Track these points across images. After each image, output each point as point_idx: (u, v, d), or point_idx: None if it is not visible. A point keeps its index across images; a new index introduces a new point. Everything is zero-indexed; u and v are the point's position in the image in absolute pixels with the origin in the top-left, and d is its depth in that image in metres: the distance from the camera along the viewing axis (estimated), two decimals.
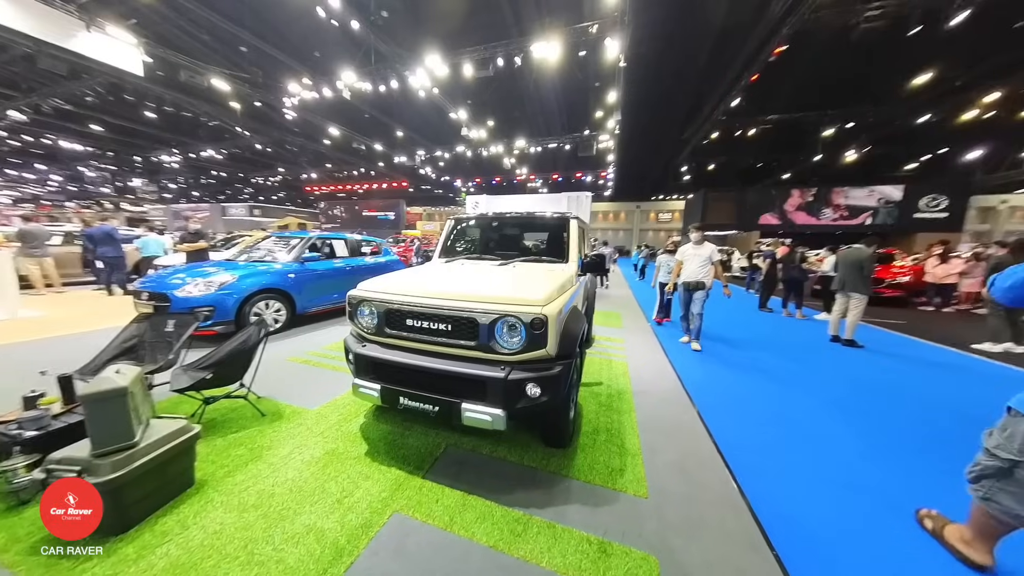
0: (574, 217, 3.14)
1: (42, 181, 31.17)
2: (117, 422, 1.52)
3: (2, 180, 29.23)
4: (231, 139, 21.80)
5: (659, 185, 31.05)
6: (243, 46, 13.72)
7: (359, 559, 1.46)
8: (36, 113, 17.38)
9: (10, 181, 30.37)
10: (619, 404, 2.94)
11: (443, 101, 15.61)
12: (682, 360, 4.10)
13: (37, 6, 9.61)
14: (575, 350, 2.00)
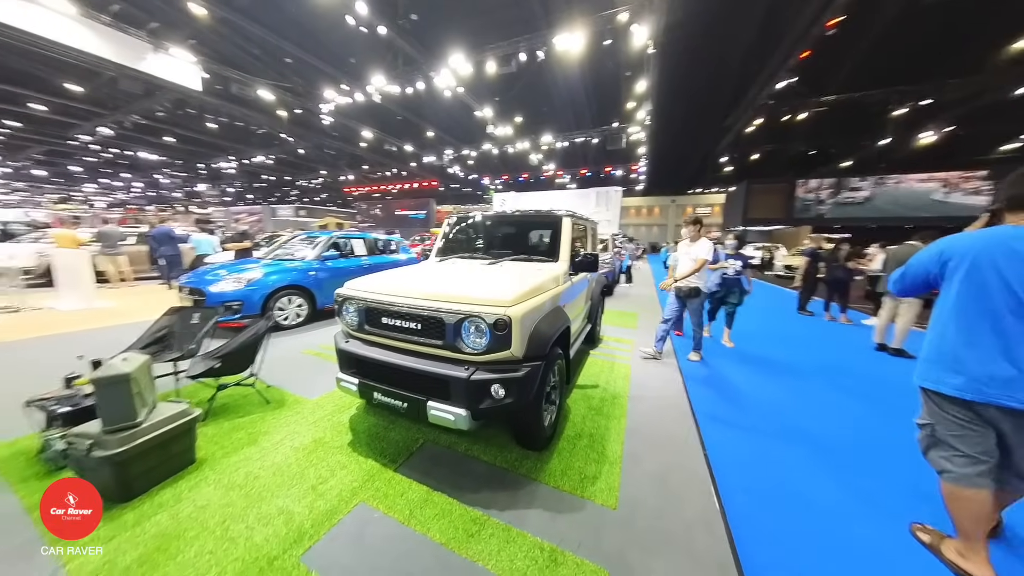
0: (568, 215, 3.05)
1: (127, 188, 35.80)
2: (122, 403, 1.73)
3: (97, 187, 33.98)
4: (278, 145, 23.65)
5: (696, 178, 29.24)
6: (288, 58, 14.76)
7: (318, 543, 1.55)
8: (120, 128, 19.97)
9: (103, 188, 35.25)
10: (610, 409, 2.83)
11: (469, 99, 15.78)
12: (693, 366, 3.86)
13: (117, 35, 10.93)
14: (546, 352, 1.95)
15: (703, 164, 24.81)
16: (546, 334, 2.00)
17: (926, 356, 1.49)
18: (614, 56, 12.95)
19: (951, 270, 1.41)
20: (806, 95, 14.47)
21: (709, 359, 4.07)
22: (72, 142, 22.61)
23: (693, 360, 4.00)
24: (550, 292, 2.32)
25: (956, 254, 1.40)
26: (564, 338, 2.51)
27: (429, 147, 22.55)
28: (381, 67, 13.82)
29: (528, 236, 3.35)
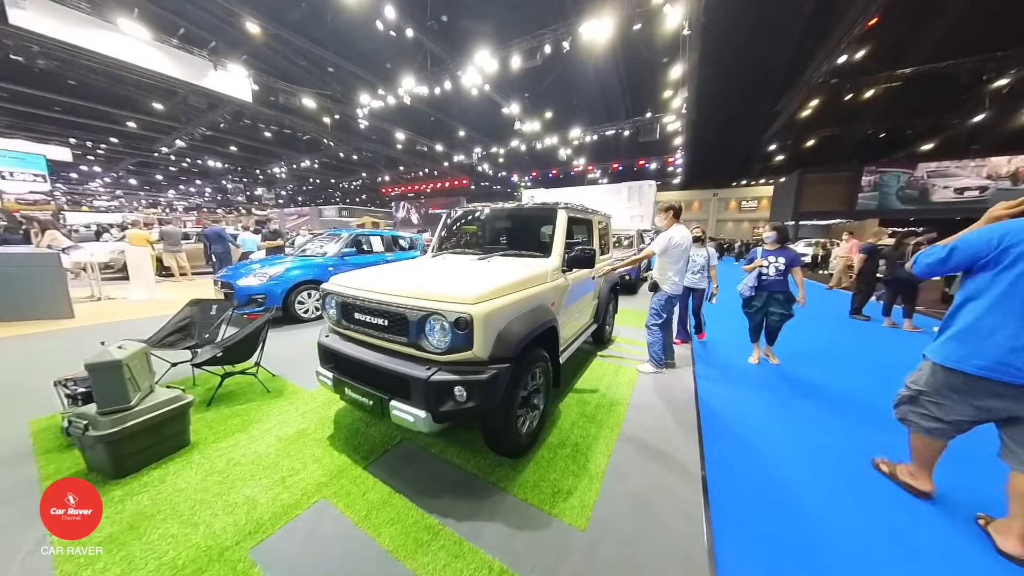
0: (563, 207, 2.85)
1: (200, 193, 40.34)
2: (115, 387, 1.86)
3: (176, 193, 38.64)
4: (322, 150, 25.32)
5: (741, 169, 26.91)
6: (330, 67, 15.69)
7: (271, 537, 1.55)
8: (191, 140, 22.50)
9: (181, 194, 40.03)
10: (605, 416, 2.61)
11: (497, 96, 15.77)
12: (712, 376, 3.49)
13: (183, 55, 12.22)
14: (516, 354, 1.81)
15: (749, 154, 22.77)
16: (518, 335, 1.86)
17: (953, 335, 1.56)
18: (647, 42, 12.24)
19: (1015, 257, 1.39)
20: (875, 69, 12.69)
21: (734, 370, 3.64)
22: (156, 154, 25.82)
23: (646, 372, 3.44)
24: (530, 290, 2.17)
25: (1022, 242, 1.38)
26: (549, 339, 2.36)
27: (459, 146, 22.90)
28: (411, 69, 14.20)
29: (522, 230, 3.20)
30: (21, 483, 1.85)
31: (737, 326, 5.10)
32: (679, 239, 3.23)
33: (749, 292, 3.64)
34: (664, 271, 3.35)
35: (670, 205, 3.37)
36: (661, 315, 3.40)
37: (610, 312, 4.38)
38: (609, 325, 4.40)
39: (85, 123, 20.64)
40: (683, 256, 3.28)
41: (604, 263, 3.86)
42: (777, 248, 3.58)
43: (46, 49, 11.25)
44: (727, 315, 6.06)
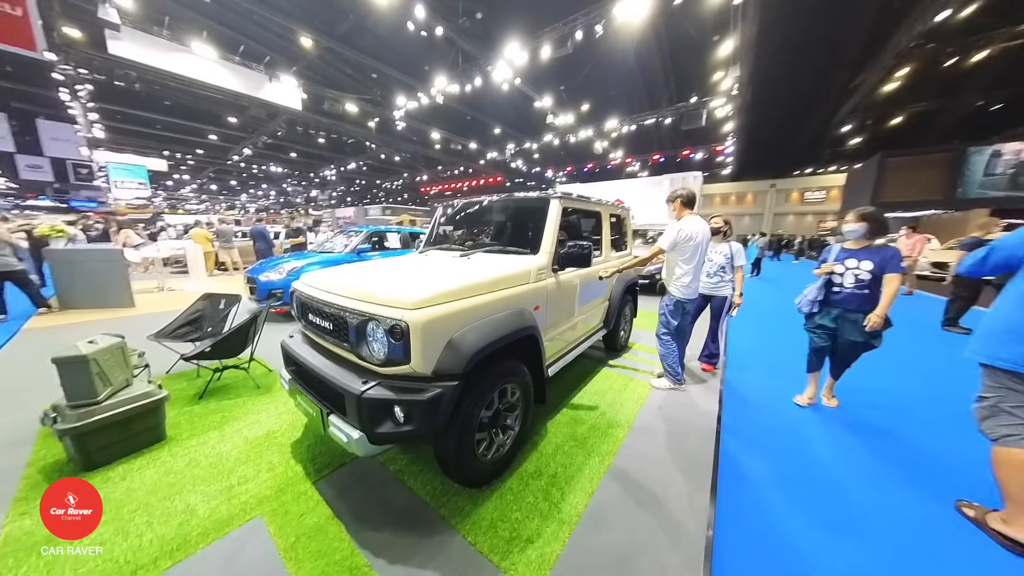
0: (558, 197, 2.48)
1: (266, 196, 44.84)
2: (81, 382, 1.88)
3: (247, 196, 43.32)
4: (367, 152, 26.78)
5: (807, 155, 23.78)
6: (373, 73, 16.43)
7: (189, 559, 1.42)
8: (256, 148, 24.96)
9: (251, 197, 44.80)
10: (598, 441, 2.22)
11: (529, 90, 15.41)
12: (741, 409, 2.90)
13: (243, 70, 13.38)
14: (466, 370, 1.51)
15: (816, 138, 20.01)
16: (473, 346, 1.56)
17: (1003, 337, 1.49)
18: (692, 18, 11.13)
19: None
20: (989, 26, 10.34)
21: (773, 407, 2.81)
22: (229, 162, 29.04)
23: (660, 388, 2.98)
24: (499, 292, 1.85)
25: None
26: (530, 349, 2.03)
27: (492, 143, 22.88)
28: (444, 68, 14.34)
29: (513, 225, 2.87)
30: (8, 467, 1.94)
31: (781, 342, 4.35)
32: (690, 231, 2.69)
33: (809, 308, 2.61)
34: (672, 270, 2.83)
35: (677, 193, 2.84)
36: (671, 322, 2.89)
37: (626, 316, 3.90)
38: (624, 330, 3.92)
39: (177, 137, 23.79)
40: (696, 252, 2.74)
41: (615, 261, 3.40)
42: (864, 247, 2.41)
43: (140, 74, 12.98)
44: (769, 326, 5.22)
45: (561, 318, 2.50)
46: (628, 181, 15.88)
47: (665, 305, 2.91)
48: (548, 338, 2.34)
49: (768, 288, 9.08)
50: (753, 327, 5.06)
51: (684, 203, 2.82)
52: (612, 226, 3.42)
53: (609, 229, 3.31)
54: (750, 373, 3.42)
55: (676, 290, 2.83)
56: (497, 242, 2.63)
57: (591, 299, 3.01)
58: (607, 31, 10.55)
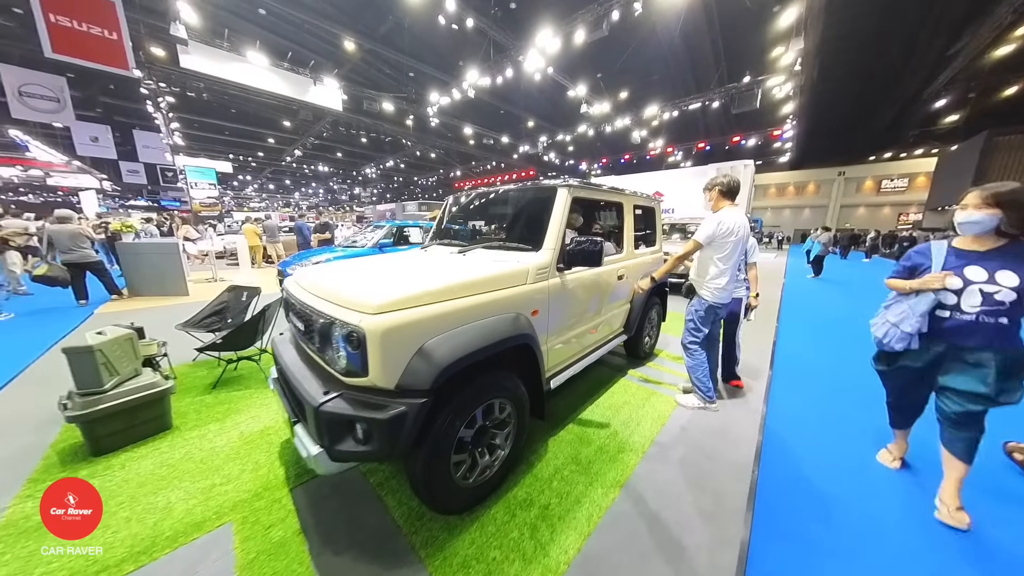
0: (566, 185, 2.18)
1: (316, 193, 48.22)
2: (88, 372, 1.95)
3: (300, 194, 46.88)
4: (404, 150, 27.67)
5: (887, 138, 20.61)
6: (411, 71, 16.81)
7: (153, 564, 1.38)
8: (305, 149, 26.79)
9: (303, 195, 48.42)
10: (604, 467, 1.93)
11: (563, 79, 14.84)
12: (794, 430, 2.42)
13: (293, 76, 14.21)
14: (433, 385, 1.31)
15: (900, 117, 17.20)
16: (447, 358, 1.35)
17: None
18: None
19: None
20: None
21: (836, 463, 2.18)
22: (282, 163, 31.49)
23: (686, 406, 2.57)
24: (489, 295, 1.62)
25: None
26: (525, 360, 1.79)
27: (525, 136, 22.52)
28: (476, 61, 14.23)
29: (517, 217, 2.60)
30: (33, 446, 2.07)
31: (846, 359, 3.65)
32: (731, 224, 2.28)
33: (902, 342, 1.64)
34: (705, 269, 2.42)
35: (716, 181, 2.40)
36: (701, 329, 2.48)
37: (651, 320, 3.48)
38: (650, 336, 3.51)
39: (241, 141, 26.21)
40: (736, 249, 2.32)
41: (640, 259, 3.02)
42: (996, 248, 1.49)
43: (207, 84, 14.33)
44: (831, 339, 4.45)
45: (568, 323, 2.21)
46: (669, 172, 14.75)
47: (694, 311, 2.50)
48: (551, 346, 2.08)
49: (831, 292, 7.93)
50: (811, 339, 4.36)
51: (723, 192, 2.39)
52: (638, 219, 3.03)
53: (633, 222, 2.93)
54: (804, 397, 2.83)
55: (709, 293, 2.42)
56: (499, 237, 2.39)
57: (608, 302, 2.67)
58: (647, 8, 9.74)
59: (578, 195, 2.25)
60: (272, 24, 13.08)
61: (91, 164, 24.09)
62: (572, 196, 2.18)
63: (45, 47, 6.80)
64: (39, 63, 9.89)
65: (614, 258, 2.74)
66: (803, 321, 5.17)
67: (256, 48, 13.01)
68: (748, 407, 2.61)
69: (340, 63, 15.67)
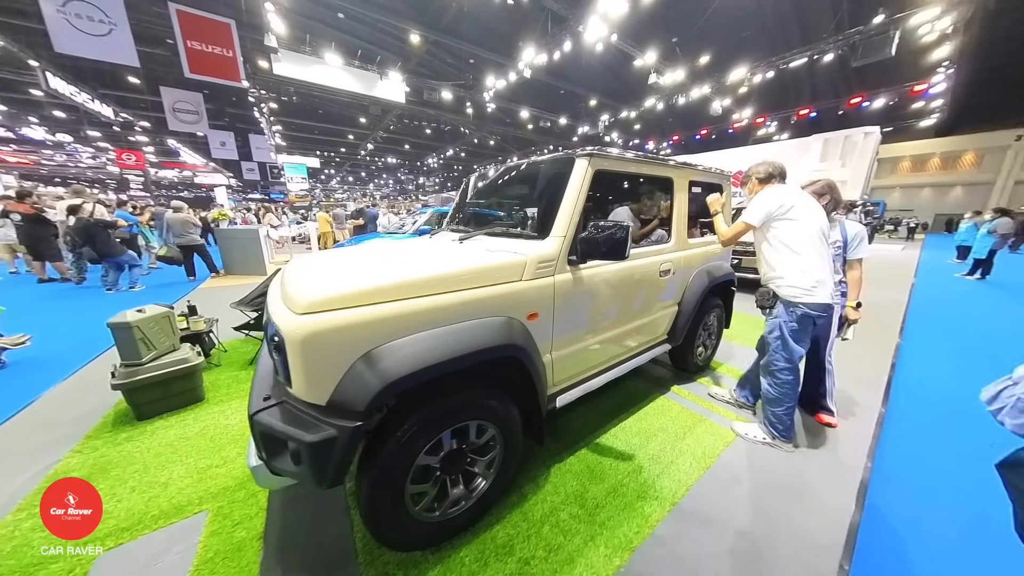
0: (585, 154, 1.71)
1: (388, 184, 52.39)
2: (128, 345, 2.14)
3: (372, 186, 51.46)
4: (463, 138, 28.22)
5: None
6: (471, 58, 16.84)
7: (126, 545, 1.40)
8: (375, 142, 28.96)
9: (376, 186, 53.02)
10: (615, 518, 1.51)
11: (629, 46, 13.37)
12: (922, 503, 1.67)
13: (362, 72, 15.16)
14: (369, 405, 1.04)
15: None
16: (391, 373, 1.07)
17: None
18: None
19: None
20: None
21: None
22: (357, 157, 34.61)
23: (749, 438, 2.00)
24: (464, 294, 1.30)
25: None
26: (517, 373, 1.45)
27: (585, 116, 21.15)
28: (533, 37, 13.55)
29: (528, 198, 2.17)
30: (98, 407, 2.39)
31: None
32: (791, 198, 1.76)
33: None
34: (783, 264, 1.82)
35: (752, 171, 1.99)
36: (795, 348, 1.84)
37: (710, 328, 2.81)
38: (706, 347, 2.84)
39: (326, 139, 29.43)
40: (808, 224, 1.75)
41: (701, 249, 2.40)
42: None
43: (296, 88, 16.12)
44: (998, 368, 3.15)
45: (584, 330, 1.79)
46: (757, 147, 12.39)
47: (784, 323, 1.85)
48: (558, 357, 1.69)
49: (1001, 301, 5.67)
50: (957, 368, 3.12)
51: (764, 180, 1.95)
52: (694, 200, 2.39)
53: (686, 204, 2.31)
54: (937, 459, 1.96)
55: (801, 293, 1.78)
56: (507, 221, 2.03)
57: (646, 303, 2.15)
58: None
59: (603, 167, 1.77)
60: (346, 25, 13.99)
61: (222, 164, 29.26)
62: (594, 169, 1.71)
63: (184, 68, 8.21)
64: (181, 83, 12.07)
65: (656, 248, 2.19)
66: (945, 341, 3.77)
67: (332, 49, 14.10)
68: (840, 459, 1.90)
69: (405, 57, 16.26)
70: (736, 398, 2.37)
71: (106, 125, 19.57)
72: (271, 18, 10.84)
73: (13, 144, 22.72)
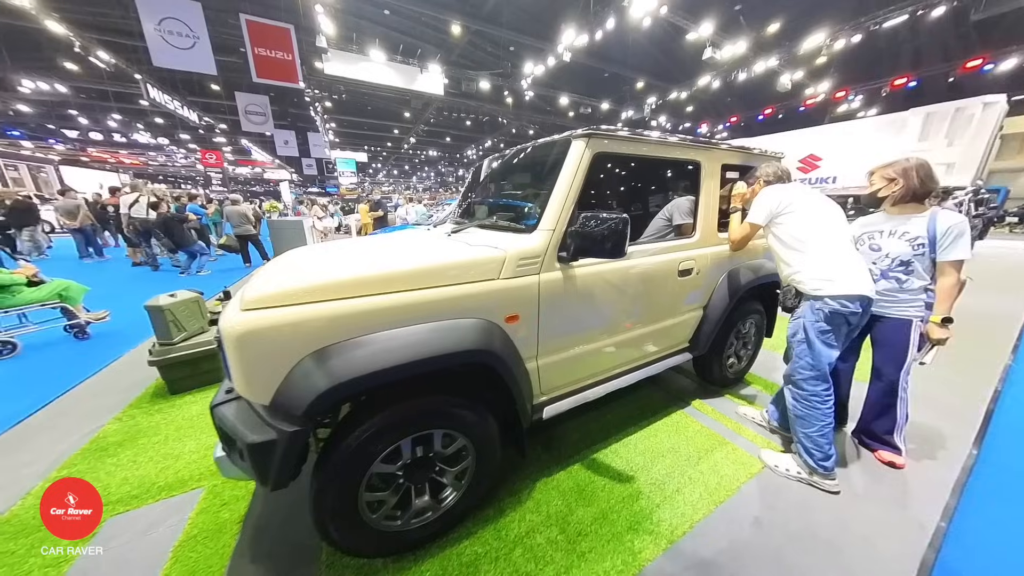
0: (583, 135, 1.48)
1: (428, 177, 54.12)
2: (161, 326, 2.36)
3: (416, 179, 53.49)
4: (502, 128, 28.07)
5: None
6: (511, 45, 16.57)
7: (130, 512, 1.52)
8: (417, 136, 29.87)
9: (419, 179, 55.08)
10: (598, 550, 1.33)
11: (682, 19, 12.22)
12: None
13: (404, 67, 15.55)
14: (307, 411, 0.98)
15: None
16: (332, 377, 0.99)
17: None
18: None
19: None
20: None
21: None
22: (400, 150, 36.00)
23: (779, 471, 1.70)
24: (427, 292, 1.18)
25: None
26: (492, 382, 1.33)
27: (629, 99, 19.87)
28: (574, 16, 12.88)
29: (522, 186, 1.98)
30: (143, 380, 2.68)
31: None
32: (790, 194, 1.66)
33: None
34: (791, 257, 1.62)
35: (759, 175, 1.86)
36: (821, 351, 1.54)
37: (745, 334, 2.43)
38: (740, 357, 2.47)
39: (374, 135, 31.01)
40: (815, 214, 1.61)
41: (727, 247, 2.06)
42: None
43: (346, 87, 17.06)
44: None
45: (575, 335, 1.60)
46: (836, 126, 10.63)
47: (809, 323, 1.55)
48: (545, 364, 1.53)
49: None
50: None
51: (767, 183, 1.83)
52: (722, 185, 2.05)
53: (716, 193, 1.98)
54: None
55: (824, 283, 1.51)
56: (502, 213, 1.87)
57: (661, 306, 1.89)
58: None
59: (607, 150, 1.53)
60: (391, 21, 14.37)
61: (285, 161, 32.18)
62: (594, 153, 1.49)
63: (253, 74, 9.06)
64: (251, 88, 13.33)
65: (675, 245, 1.90)
66: None
67: (376, 46, 14.60)
68: (904, 511, 1.51)
69: (447, 48, 16.38)
70: (768, 420, 2.02)
71: (193, 129, 22.36)
72: (321, 19, 11.43)
73: (126, 148, 26.87)
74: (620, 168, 1.87)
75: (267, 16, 9.64)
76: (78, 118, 21.95)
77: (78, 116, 21.71)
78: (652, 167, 2.13)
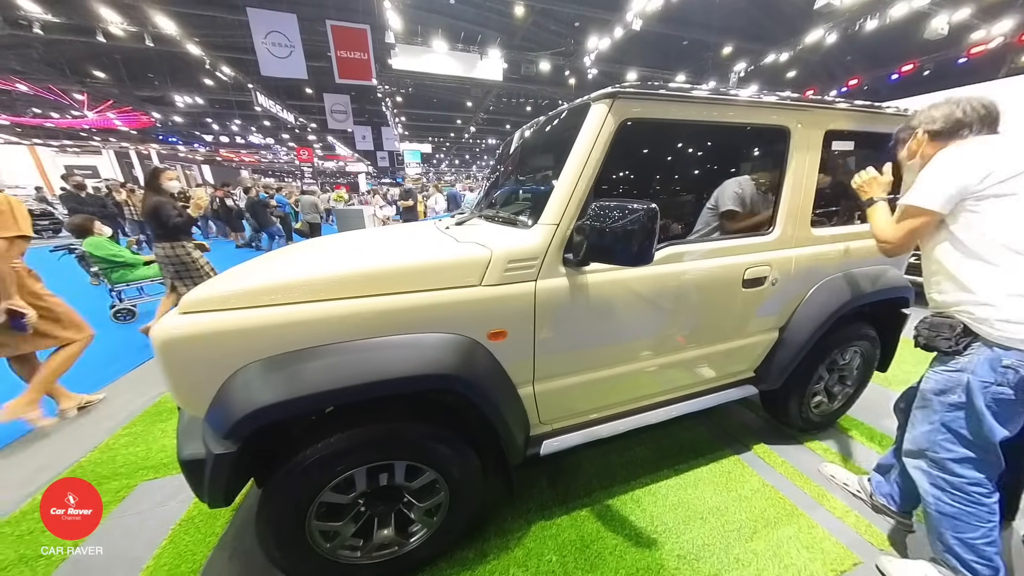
0: (606, 96, 1.09)
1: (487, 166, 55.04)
2: None
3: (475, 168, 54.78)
4: None
5: None
6: (576, 21, 15.61)
7: (147, 482, 1.64)
8: (478, 125, 30.22)
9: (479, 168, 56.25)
10: None
11: None
12: None
13: (464, 55, 15.65)
14: (228, 434, 0.84)
15: None
16: (253, 400, 0.84)
17: None
18: None
19: None
20: None
21: None
22: (462, 140, 36.94)
23: None
24: (388, 300, 0.97)
25: None
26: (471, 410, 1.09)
27: (711, 68, 17.30)
28: None
29: (534, 169, 1.61)
30: None
31: None
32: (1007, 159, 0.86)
33: None
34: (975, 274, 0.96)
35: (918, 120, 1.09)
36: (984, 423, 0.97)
37: (844, 366, 1.79)
38: (832, 394, 1.84)
39: (437, 126, 32.33)
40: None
41: (828, 246, 1.50)
42: None
43: (412, 80, 17.85)
44: None
45: (586, 356, 1.26)
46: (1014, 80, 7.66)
47: (981, 383, 0.96)
48: (544, 391, 1.23)
49: None
50: None
51: (936, 135, 1.06)
52: (826, 162, 1.46)
53: (813, 173, 1.41)
54: None
55: (997, 329, 0.91)
56: (510, 201, 1.58)
57: (714, 325, 1.44)
58: None
59: (641, 115, 1.13)
60: (454, 9, 14.46)
61: (362, 155, 35.42)
62: (620, 120, 1.10)
63: (336, 75, 10.00)
64: (332, 89, 14.72)
65: (744, 244, 1.41)
66: None
67: (439, 36, 14.83)
68: None
69: (509, 32, 16.02)
70: (872, 493, 1.44)
71: (291, 129, 25.68)
72: (390, 15, 11.92)
73: (246, 149, 32.11)
74: (661, 141, 1.40)
75: (347, 19, 10.35)
76: (212, 125, 26.77)
77: (212, 123, 26.46)
78: (710, 139, 1.58)
